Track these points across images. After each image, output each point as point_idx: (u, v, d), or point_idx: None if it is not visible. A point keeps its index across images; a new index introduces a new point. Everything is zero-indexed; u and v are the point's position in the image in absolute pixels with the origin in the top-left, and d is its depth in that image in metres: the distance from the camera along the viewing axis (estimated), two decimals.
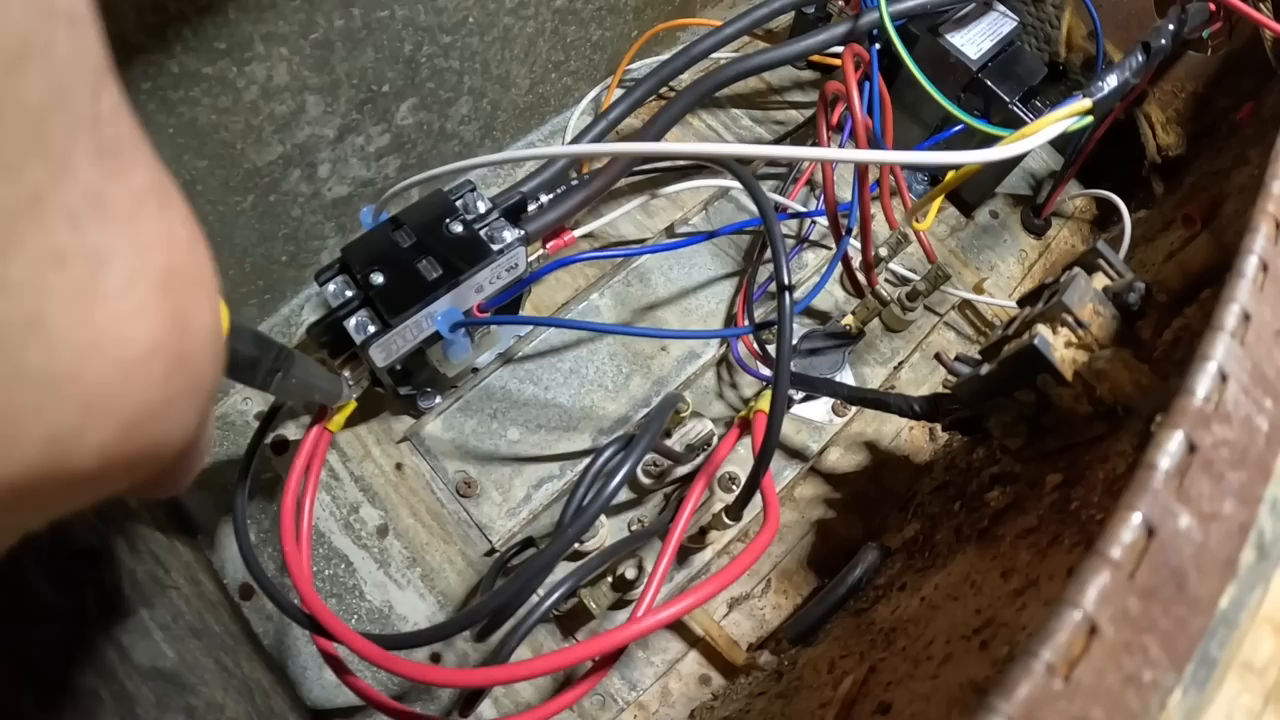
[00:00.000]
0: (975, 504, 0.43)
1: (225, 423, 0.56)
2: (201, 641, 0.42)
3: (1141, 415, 0.30)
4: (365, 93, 0.51)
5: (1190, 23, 0.48)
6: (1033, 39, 0.70)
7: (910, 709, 0.31)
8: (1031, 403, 0.37)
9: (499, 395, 0.58)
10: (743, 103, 0.75)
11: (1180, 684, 0.21)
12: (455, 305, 0.47)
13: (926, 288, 0.59)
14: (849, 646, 0.42)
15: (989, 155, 0.35)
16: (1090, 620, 0.21)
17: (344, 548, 0.53)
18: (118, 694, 0.34)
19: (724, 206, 0.68)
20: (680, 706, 0.51)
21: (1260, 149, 0.45)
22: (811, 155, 0.36)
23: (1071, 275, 0.36)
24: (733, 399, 0.60)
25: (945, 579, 0.39)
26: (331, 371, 0.44)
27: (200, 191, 0.46)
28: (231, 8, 0.40)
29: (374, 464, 0.55)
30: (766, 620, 0.54)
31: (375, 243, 0.46)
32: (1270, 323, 0.27)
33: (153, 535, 0.46)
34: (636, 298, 0.63)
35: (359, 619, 0.51)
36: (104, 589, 0.38)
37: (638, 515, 0.54)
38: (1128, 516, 0.22)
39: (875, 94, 0.55)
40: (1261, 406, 0.25)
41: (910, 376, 0.64)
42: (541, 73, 0.64)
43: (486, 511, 0.54)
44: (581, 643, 0.36)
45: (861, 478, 0.59)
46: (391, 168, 0.58)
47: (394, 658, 0.37)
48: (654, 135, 0.55)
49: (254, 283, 0.55)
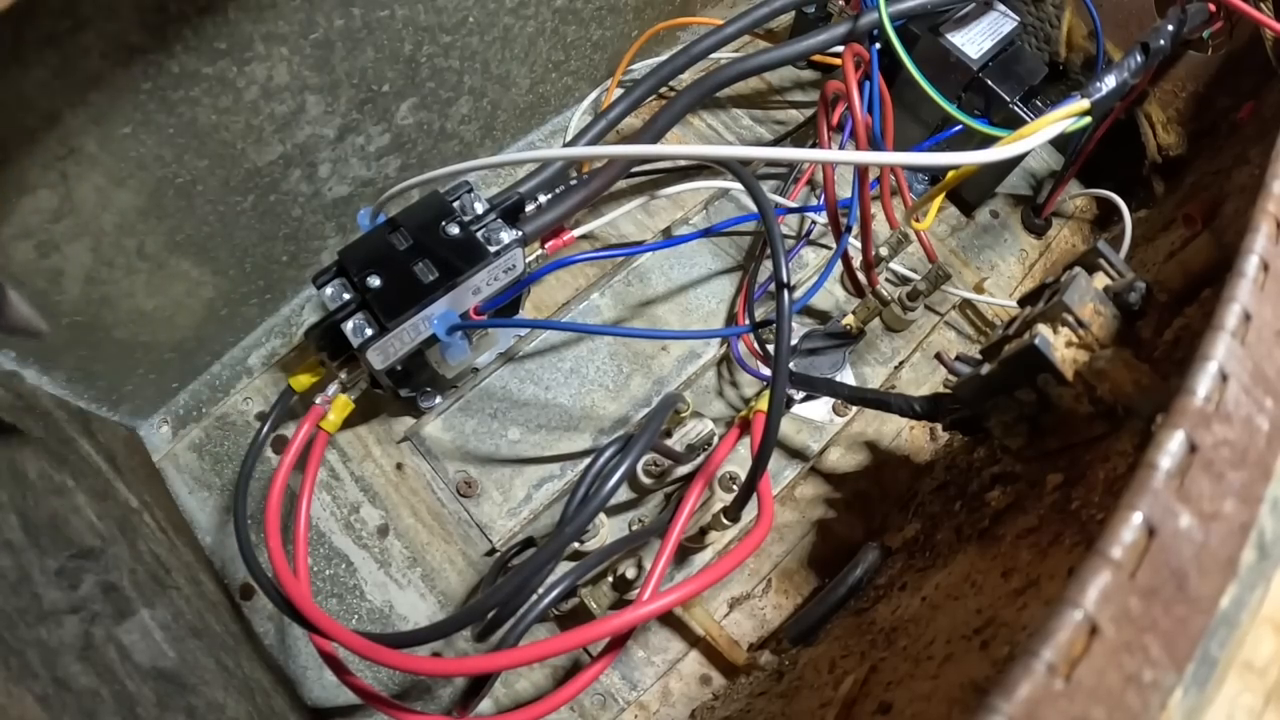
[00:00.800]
0: (976, 504, 0.43)
1: (225, 422, 0.56)
2: (202, 641, 0.42)
3: (1142, 415, 0.30)
4: (365, 92, 0.51)
5: (1190, 23, 0.48)
6: (1033, 39, 0.70)
7: (911, 709, 0.31)
8: (1032, 402, 0.37)
9: (499, 395, 0.58)
10: (743, 102, 0.75)
11: (1181, 684, 0.21)
12: (452, 307, 0.47)
13: (927, 287, 0.59)
14: (850, 646, 0.42)
15: (987, 156, 0.35)
16: (1091, 620, 0.21)
17: (345, 548, 0.53)
18: (118, 694, 0.34)
19: (724, 206, 0.68)
20: (681, 706, 0.51)
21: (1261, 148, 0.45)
22: (810, 157, 0.36)
23: (1072, 275, 0.36)
24: (733, 398, 0.60)
25: (946, 579, 0.39)
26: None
27: (200, 191, 0.46)
28: (231, 8, 0.40)
29: (374, 464, 0.55)
30: (767, 620, 0.54)
31: (372, 245, 0.46)
32: (1271, 322, 0.27)
33: (153, 535, 0.46)
34: (637, 297, 0.63)
35: (360, 619, 0.51)
36: (105, 589, 0.38)
37: (638, 515, 0.54)
38: (1128, 516, 0.22)
39: (875, 94, 0.55)
40: (1262, 406, 0.25)
41: (911, 376, 0.64)
42: (542, 72, 0.64)
43: (487, 511, 0.54)
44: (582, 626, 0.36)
45: (862, 477, 0.59)
46: (392, 167, 0.58)
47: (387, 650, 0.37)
48: (654, 135, 0.55)
49: (254, 282, 0.55)
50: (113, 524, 0.42)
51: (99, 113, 0.38)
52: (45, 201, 0.39)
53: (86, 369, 0.48)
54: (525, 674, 0.51)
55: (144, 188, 0.43)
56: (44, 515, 0.37)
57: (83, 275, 0.44)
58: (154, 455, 0.54)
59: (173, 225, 0.46)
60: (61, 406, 0.46)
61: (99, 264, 0.44)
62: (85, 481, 0.42)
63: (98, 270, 0.44)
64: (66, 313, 0.44)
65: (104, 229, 0.43)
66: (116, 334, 0.48)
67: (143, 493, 0.48)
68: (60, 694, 0.31)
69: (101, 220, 0.42)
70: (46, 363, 0.45)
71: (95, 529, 0.40)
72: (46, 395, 0.46)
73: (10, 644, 0.30)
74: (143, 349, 0.51)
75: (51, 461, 0.41)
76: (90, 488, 0.43)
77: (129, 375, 0.51)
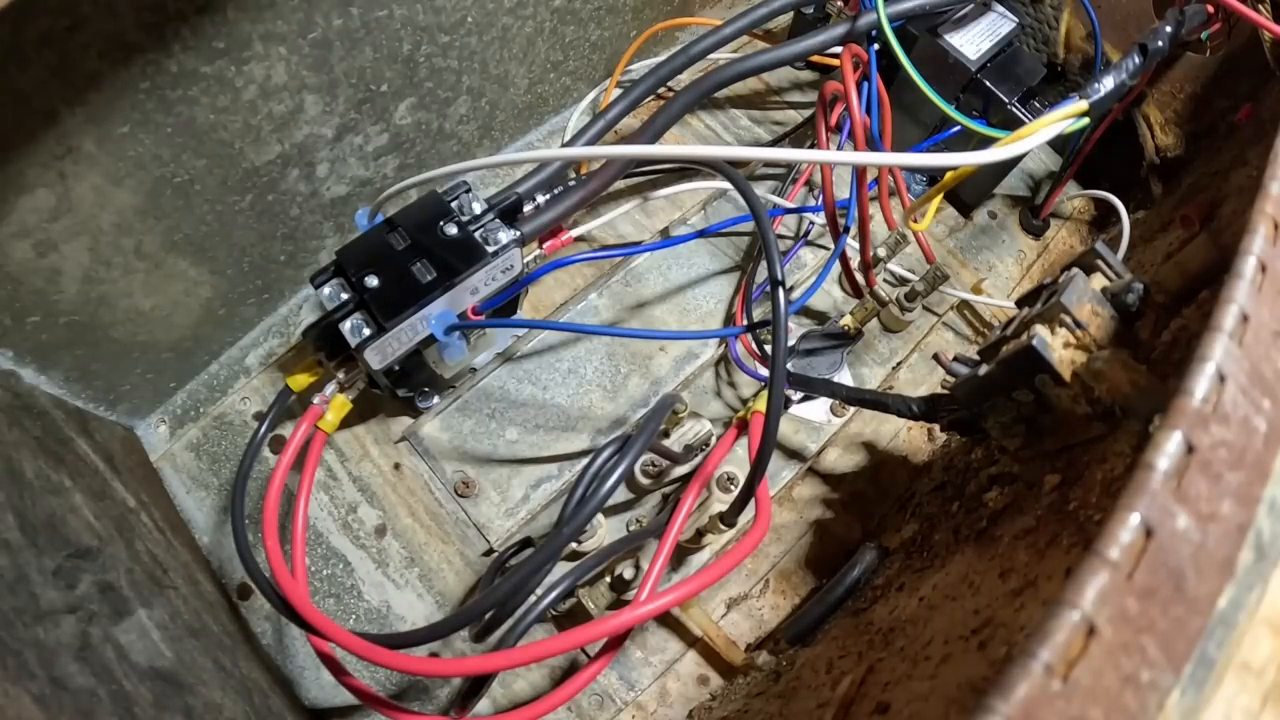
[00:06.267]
0: (973, 504, 0.43)
1: (223, 423, 0.56)
2: (199, 641, 0.42)
3: (1140, 416, 0.30)
4: (364, 92, 0.51)
5: (1188, 24, 0.48)
6: (1031, 40, 0.70)
7: (908, 709, 0.31)
8: (1030, 403, 0.37)
9: (497, 395, 0.58)
10: (741, 103, 0.75)
11: (1178, 684, 0.21)
12: (450, 307, 0.47)
13: (925, 288, 0.59)
14: (847, 647, 0.42)
15: (985, 157, 0.35)
16: (1088, 621, 0.21)
17: (342, 548, 0.53)
18: (116, 694, 0.34)
19: (722, 207, 0.68)
20: (678, 707, 0.51)
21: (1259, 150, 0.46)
22: (808, 157, 0.36)
23: (1070, 276, 0.36)
24: (731, 399, 0.60)
25: (943, 579, 0.39)
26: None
27: (198, 191, 0.46)
28: (230, 7, 0.40)
29: (372, 464, 0.55)
30: (765, 620, 0.54)
31: (370, 245, 0.46)
32: (1268, 324, 0.27)
33: (151, 535, 0.46)
34: (634, 297, 0.63)
35: (357, 619, 0.51)
36: (102, 589, 0.38)
37: (636, 515, 0.54)
38: (1126, 517, 0.22)
39: (874, 94, 0.55)
40: (1259, 407, 0.25)
41: (908, 377, 0.64)
42: (540, 72, 0.64)
43: (484, 511, 0.54)
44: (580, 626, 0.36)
45: (860, 478, 0.59)
46: (390, 167, 0.58)
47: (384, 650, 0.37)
48: (652, 136, 0.55)
49: (252, 282, 0.55)
50: (110, 524, 0.42)
51: (97, 112, 0.38)
52: (43, 200, 0.39)
53: (84, 368, 0.48)
54: (523, 674, 0.51)
55: (142, 187, 0.43)
56: (41, 515, 0.37)
57: (80, 274, 0.44)
58: (151, 455, 0.54)
59: (170, 225, 0.46)
60: (59, 406, 0.46)
61: (97, 263, 0.44)
62: (83, 481, 0.42)
63: (95, 269, 0.44)
64: (64, 312, 0.44)
65: (102, 228, 0.43)
66: (114, 333, 0.48)
67: (140, 492, 0.48)
68: (57, 694, 0.31)
69: (99, 219, 0.42)
70: (44, 362, 0.45)
71: (93, 529, 0.40)
72: (44, 394, 0.45)
73: (7, 644, 0.30)
74: (140, 348, 0.51)
75: (49, 461, 0.41)
76: (88, 487, 0.42)
77: (126, 374, 0.51)
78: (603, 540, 0.51)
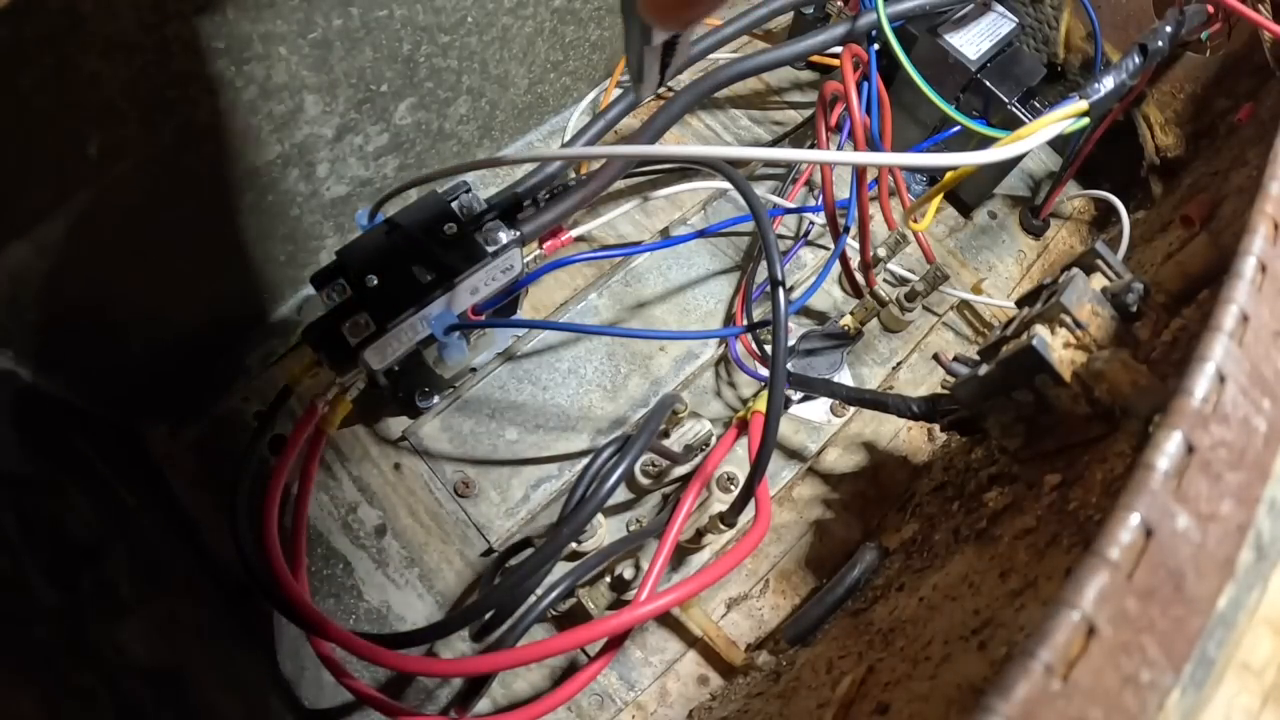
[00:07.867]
0: (973, 504, 0.43)
1: (223, 422, 0.56)
2: (199, 641, 0.42)
3: (1140, 416, 0.30)
4: (364, 92, 0.51)
5: (1188, 24, 0.49)
6: (1031, 40, 0.70)
7: (908, 709, 0.31)
8: (1030, 403, 0.37)
9: (497, 395, 0.58)
10: (742, 103, 0.75)
11: (1178, 684, 0.21)
12: (450, 308, 0.47)
13: (925, 288, 0.59)
14: (847, 647, 0.42)
15: (985, 157, 0.35)
16: (1088, 621, 0.21)
17: (342, 548, 0.53)
18: (115, 694, 0.34)
19: (722, 207, 0.68)
20: (678, 707, 0.51)
21: (1259, 150, 0.46)
22: (808, 157, 0.36)
23: (1070, 276, 0.36)
24: (731, 399, 0.60)
25: (943, 579, 0.39)
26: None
27: (198, 191, 0.46)
28: (230, 7, 0.40)
29: (372, 464, 0.55)
30: (765, 620, 0.54)
31: (370, 245, 0.46)
32: (1268, 324, 0.27)
33: (151, 535, 0.46)
34: (634, 297, 0.63)
35: (357, 619, 0.51)
36: (102, 588, 0.38)
37: (636, 515, 0.54)
38: (1126, 517, 0.22)
39: (874, 94, 0.56)
40: (1260, 407, 0.25)
41: (908, 377, 0.64)
42: (540, 72, 0.64)
43: (484, 511, 0.54)
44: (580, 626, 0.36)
45: (860, 478, 0.59)
46: (390, 167, 0.58)
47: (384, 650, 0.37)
48: (652, 136, 0.55)
49: (252, 282, 0.55)
50: (110, 524, 0.42)
51: (96, 111, 0.38)
52: (43, 201, 0.39)
53: (84, 368, 0.48)
54: (523, 674, 0.51)
55: (141, 187, 0.43)
56: (41, 514, 0.37)
57: (80, 274, 0.44)
58: (152, 454, 0.54)
59: (170, 225, 0.46)
60: (59, 405, 0.46)
61: (96, 263, 0.44)
62: (82, 481, 0.42)
63: (95, 269, 0.44)
64: (64, 312, 0.44)
65: (101, 228, 0.43)
66: (114, 333, 0.48)
67: (140, 492, 0.48)
68: (57, 694, 0.31)
69: (99, 219, 0.42)
70: (44, 362, 0.45)
71: (92, 528, 0.40)
72: (44, 394, 0.45)
73: (7, 644, 0.30)
74: (140, 348, 0.51)
75: (49, 461, 0.41)
76: (87, 487, 0.42)
77: (127, 374, 0.51)
78: (603, 540, 0.51)
